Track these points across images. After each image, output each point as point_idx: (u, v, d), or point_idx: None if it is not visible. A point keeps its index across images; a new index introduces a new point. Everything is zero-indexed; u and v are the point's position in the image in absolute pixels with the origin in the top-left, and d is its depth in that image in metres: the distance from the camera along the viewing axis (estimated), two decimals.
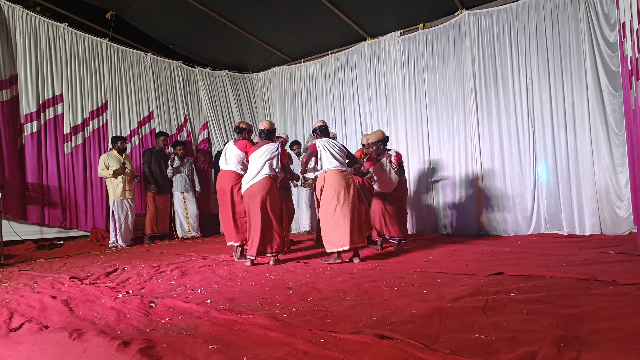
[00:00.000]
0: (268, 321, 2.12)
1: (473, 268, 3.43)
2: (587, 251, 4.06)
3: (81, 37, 6.63)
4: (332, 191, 4.01)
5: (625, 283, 2.62)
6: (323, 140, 4.21)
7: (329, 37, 7.55)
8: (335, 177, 4.04)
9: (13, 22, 5.90)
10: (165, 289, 3.16)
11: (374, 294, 2.70)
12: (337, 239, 3.96)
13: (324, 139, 4.25)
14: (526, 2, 5.82)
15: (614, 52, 5.14)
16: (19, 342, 1.99)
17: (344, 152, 4.21)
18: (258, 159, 4.15)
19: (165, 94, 7.71)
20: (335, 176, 4.04)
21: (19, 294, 3.02)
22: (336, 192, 3.99)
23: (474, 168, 6.19)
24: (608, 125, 5.22)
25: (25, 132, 5.94)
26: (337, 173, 4.05)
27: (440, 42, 6.56)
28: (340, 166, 4.09)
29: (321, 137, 4.28)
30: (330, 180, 4.04)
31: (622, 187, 5.11)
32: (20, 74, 5.95)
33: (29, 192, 5.89)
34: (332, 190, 4.02)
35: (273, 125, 4.39)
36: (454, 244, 5.15)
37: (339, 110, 7.77)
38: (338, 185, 4.00)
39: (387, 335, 1.83)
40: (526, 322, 1.96)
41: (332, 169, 4.06)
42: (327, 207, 4.04)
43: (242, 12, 6.79)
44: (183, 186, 6.96)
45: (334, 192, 4.00)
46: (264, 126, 4.34)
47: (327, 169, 4.09)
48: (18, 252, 5.50)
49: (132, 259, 4.79)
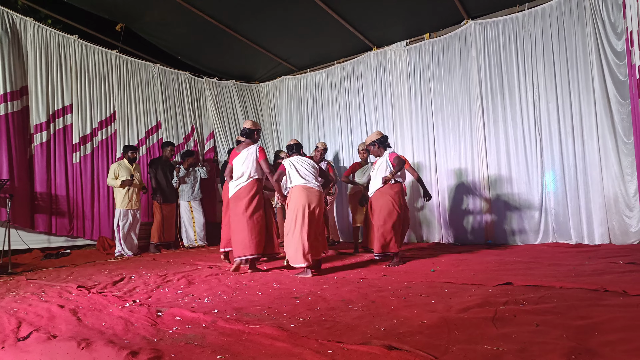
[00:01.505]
0: (275, 331, 2.11)
1: (481, 278, 3.40)
2: (596, 261, 4.02)
3: (91, 49, 6.73)
4: (295, 207, 4.12)
5: (636, 294, 2.58)
6: (292, 159, 4.34)
7: (335, 47, 7.60)
8: (299, 194, 4.14)
9: (25, 34, 6.00)
10: (172, 298, 3.17)
11: (381, 304, 2.69)
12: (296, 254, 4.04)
13: (294, 157, 4.38)
14: (532, 11, 5.84)
15: (621, 60, 5.12)
16: (28, 351, 1.99)
17: (316, 169, 4.32)
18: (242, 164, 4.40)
19: (173, 104, 7.79)
20: (299, 193, 4.15)
21: (27, 302, 3.04)
22: (298, 208, 4.09)
23: (481, 177, 6.16)
24: (616, 133, 5.19)
25: (34, 142, 6.01)
26: (301, 189, 4.16)
27: (446, 52, 6.58)
28: (306, 183, 4.19)
29: (291, 156, 4.43)
30: (294, 196, 4.17)
31: (631, 196, 5.06)
32: (30, 85, 6.04)
33: (37, 202, 5.94)
34: (294, 205, 4.13)
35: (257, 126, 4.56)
36: (461, 253, 5.11)
37: (345, 120, 7.79)
38: (302, 201, 4.10)
39: (396, 346, 1.82)
40: (536, 333, 1.94)
41: (298, 186, 4.19)
42: (289, 222, 4.16)
43: (249, 23, 6.87)
44: (190, 195, 6.99)
45: (296, 208, 4.11)
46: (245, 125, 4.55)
47: (293, 186, 4.23)
48: (26, 260, 5.54)
49: (139, 268, 4.80)
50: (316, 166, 4.34)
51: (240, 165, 4.40)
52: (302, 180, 4.19)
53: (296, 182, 4.20)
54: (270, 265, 4.78)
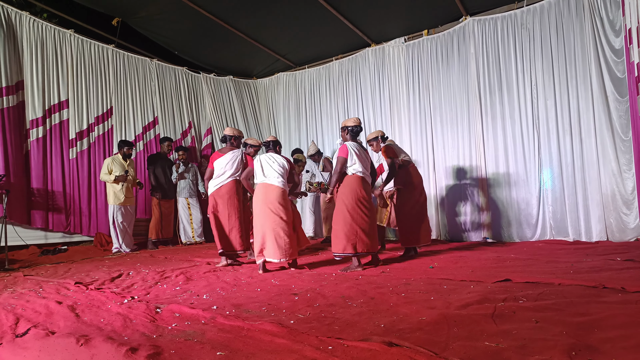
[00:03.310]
0: (275, 328, 2.11)
1: (479, 275, 3.41)
2: (594, 258, 4.03)
3: (87, 44, 6.68)
4: (256, 203, 4.19)
5: (635, 290, 2.59)
6: (262, 156, 4.36)
7: (333, 43, 7.57)
8: (260, 191, 4.19)
9: (20, 28, 5.95)
10: (171, 294, 3.16)
11: (381, 300, 2.68)
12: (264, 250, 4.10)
13: (266, 154, 4.38)
14: (530, 8, 5.83)
15: (619, 58, 5.14)
16: (26, 347, 1.98)
17: (284, 169, 4.29)
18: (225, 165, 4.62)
19: (170, 99, 7.75)
20: (260, 190, 4.20)
21: (25, 299, 3.02)
22: (259, 205, 4.15)
23: (479, 174, 6.17)
24: (614, 131, 5.20)
25: (31, 137, 5.97)
26: (263, 187, 4.19)
27: (444, 49, 6.57)
28: (266, 180, 4.21)
29: (267, 152, 4.46)
30: (257, 194, 4.23)
31: (628, 193, 5.08)
32: (26, 80, 5.99)
33: (34, 197, 5.91)
34: (256, 202, 4.21)
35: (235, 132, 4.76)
36: (459, 250, 5.12)
37: (343, 116, 7.77)
38: (262, 198, 4.15)
39: (396, 342, 1.82)
40: (536, 330, 1.95)
41: (261, 183, 4.24)
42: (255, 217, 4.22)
43: (246, 19, 6.83)
44: (187, 192, 6.97)
45: (257, 205, 4.17)
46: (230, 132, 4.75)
47: (257, 183, 4.28)
48: (23, 257, 5.51)
49: (137, 264, 4.79)
50: (286, 166, 4.32)
51: (223, 166, 4.61)
52: (263, 178, 4.23)
53: (259, 180, 4.27)
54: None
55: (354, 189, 4.04)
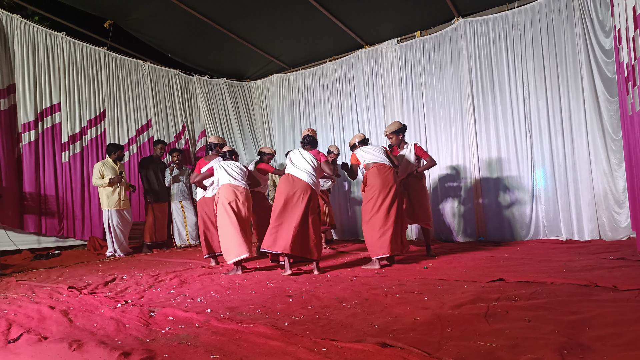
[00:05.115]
0: (269, 330, 2.11)
1: (473, 275, 3.42)
2: (587, 257, 4.06)
3: (79, 46, 6.64)
4: (221, 204, 4.34)
5: (626, 289, 2.62)
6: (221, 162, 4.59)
7: (327, 44, 7.59)
8: (224, 192, 4.37)
9: (11, 31, 5.90)
10: (165, 298, 3.15)
11: (375, 301, 2.69)
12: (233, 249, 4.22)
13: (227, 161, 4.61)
14: (522, 9, 5.88)
15: (610, 58, 5.19)
16: (18, 353, 1.97)
17: (244, 172, 4.58)
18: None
19: (164, 102, 7.72)
20: (224, 190, 4.37)
21: (17, 304, 3.00)
22: (224, 205, 4.31)
23: (472, 174, 6.20)
24: (605, 131, 5.25)
25: (23, 141, 5.92)
26: (226, 187, 4.38)
27: (437, 50, 6.61)
28: (230, 180, 4.42)
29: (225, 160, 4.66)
30: (221, 194, 4.39)
31: (620, 193, 5.13)
32: (18, 83, 5.94)
33: (26, 202, 5.86)
34: (221, 203, 4.36)
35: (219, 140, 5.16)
36: (453, 250, 5.15)
37: (337, 118, 7.79)
38: (227, 198, 4.32)
39: (390, 343, 1.83)
40: (528, 329, 1.96)
41: (225, 184, 4.42)
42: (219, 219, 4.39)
43: (239, 21, 6.83)
44: (181, 195, 6.93)
45: (222, 205, 4.33)
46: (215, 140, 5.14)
47: (221, 185, 4.45)
48: (15, 261, 5.46)
49: (131, 268, 4.77)
50: (244, 169, 4.60)
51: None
52: (227, 178, 4.42)
53: (223, 181, 4.44)
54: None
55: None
